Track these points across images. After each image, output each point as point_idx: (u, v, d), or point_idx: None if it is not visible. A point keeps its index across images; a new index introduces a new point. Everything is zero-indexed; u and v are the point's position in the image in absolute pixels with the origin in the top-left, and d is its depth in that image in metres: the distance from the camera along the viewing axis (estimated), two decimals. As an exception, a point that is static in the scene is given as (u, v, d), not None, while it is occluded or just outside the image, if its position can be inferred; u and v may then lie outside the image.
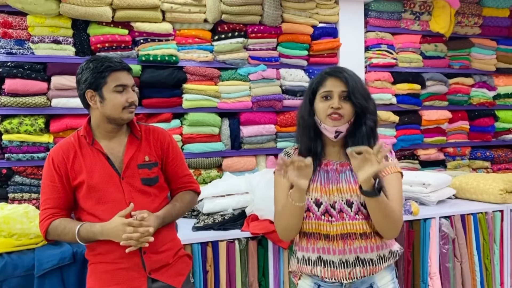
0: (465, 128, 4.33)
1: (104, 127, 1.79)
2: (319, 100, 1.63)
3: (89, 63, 1.73)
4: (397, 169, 1.61)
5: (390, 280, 1.62)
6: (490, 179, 2.89)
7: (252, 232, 2.30)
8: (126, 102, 1.75)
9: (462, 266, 2.67)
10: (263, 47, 3.68)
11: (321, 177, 1.63)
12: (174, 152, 1.93)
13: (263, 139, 3.65)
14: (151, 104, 3.38)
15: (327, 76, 1.64)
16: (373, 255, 1.57)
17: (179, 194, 1.94)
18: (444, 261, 2.63)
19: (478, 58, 4.33)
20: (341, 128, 1.58)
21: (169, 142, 1.92)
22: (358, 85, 1.59)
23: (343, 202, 1.57)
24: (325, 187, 1.60)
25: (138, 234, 1.62)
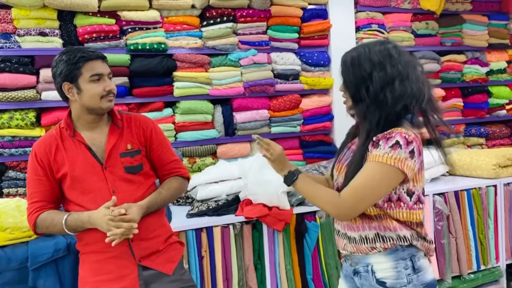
0: (458, 105, 4.32)
1: (84, 118, 1.78)
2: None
3: (62, 55, 1.71)
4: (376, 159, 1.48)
5: (390, 267, 1.54)
6: (483, 154, 2.89)
7: (246, 217, 2.30)
8: (103, 91, 1.73)
9: (457, 242, 2.68)
10: (253, 31, 3.64)
11: (342, 155, 1.70)
12: (158, 138, 1.91)
13: (256, 124, 3.63)
14: (141, 93, 3.36)
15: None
16: (355, 234, 1.58)
17: (166, 180, 1.92)
18: (439, 238, 2.64)
19: (470, 34, 4.30)
20: (350, 111, 1.63)
21: (151, 129, 1.89)
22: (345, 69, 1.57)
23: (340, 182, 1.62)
24: (337, 164, 1.68)
25: (122, 229, 1.61)
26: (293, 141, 3.80)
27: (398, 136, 1.46)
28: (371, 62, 1.50)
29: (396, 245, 1.54)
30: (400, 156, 1.45)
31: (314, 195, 1.56)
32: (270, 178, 2.35)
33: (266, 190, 2.34)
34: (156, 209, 1.85)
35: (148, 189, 1.86)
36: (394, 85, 1.48)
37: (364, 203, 1.50)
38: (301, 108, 3.74)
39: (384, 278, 1.54)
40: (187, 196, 2.61)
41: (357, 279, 1.62)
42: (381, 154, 1.46)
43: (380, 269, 1.55)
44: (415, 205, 1.54)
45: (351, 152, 1.64)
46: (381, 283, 1.54)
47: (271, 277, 2.42)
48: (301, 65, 3.74)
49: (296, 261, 2.45)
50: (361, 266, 1.59)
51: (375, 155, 1.48)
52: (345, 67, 1.59)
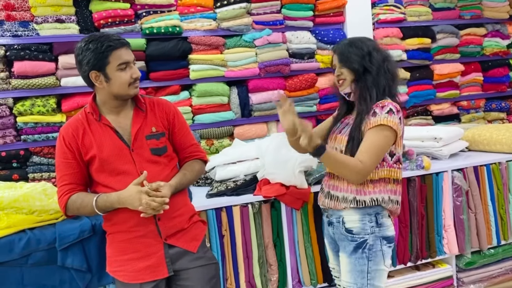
0: (478, 80, 4.25)
1: (110, 104, 1.83)
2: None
3: (88, 43, 1.74)
4: (377, 123, 1.78)
5: (357, 219, 1.86)
6: (503, 129, 2.86)
7: (264, 196, 2.35)
8: (131, 79, 1.78)
9: (476, 217, 2.68)
10: (267, 11, 3.63)
11: (336, 128, 2.01)
12: (180, 122, 1.97)
13: (273, 105, 3.64)
14: (158, 77, 3.40)
15: (332, 53, 1.99)
16: (339, 194, 1.91)
17: (188, 163, 1.99)
18: (458, 213, 2.64)
19: (490, 6, 4.20)
20: (346, 90, 1.92)
21: (174, 113, 1.96)
22: (346, 50, 1.88)
23: (334, 148, 1.92)
24: (331, 135, 2.01)
25: (155, 203, 1.68)
26: (310, 120, 3.81)
27: (390, 105, 1.80)
28: (367, 45, 1.87)
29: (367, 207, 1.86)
30: (395, 120, 1.78)
31: (340, 165, 1.76)
32: (287, 157, 2.39)
33: (283, 170, 2.37)
34: (181, 189, 1.92)
35: (172, 170, 1.93)
36: (390, 62, 1.89)
37: (377, 162, 1.79)
38: (317, 87, 3.73)
39: (351, 228, 1.88)
40: (206, 177, 2.66)
41: (331, 228, 1.99)
42: (381, 118, 1.77)
43: (348, 221, 1.89)
44: (394, 164, 1.87)
45: (344, 125, 1.95)
46: (349, 231, 1.88)
47: (291, 254, 2.47)
48: (317, 43, 3.72)
49: (314, 238, 2.49)
50: (334, 218, 1.94)
51: (376, 121, 1.78)
52: (345, 47, 1.90)
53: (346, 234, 1.89)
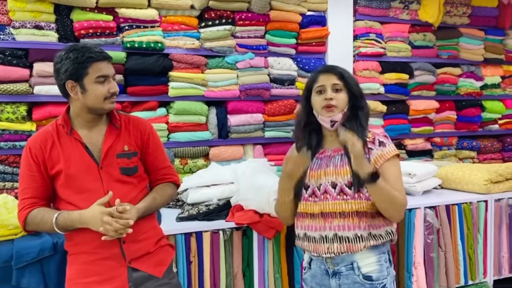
0: (452, 118, 4.33)
1: (84, 117, 1.75)
2: (314, 95, 1.76)
3: (69, 52, 1.67)
4: (394, 153, 1.69)
5: (375, 261, 1.65)
6: (475, 169, 2.89)
7: (236, 223, 2.27)
8: (108, 93, 1.71)
9: (446, 256, 2.67)
10: (251, 35, 3.61)
11: (314, 164, 1.77)
12: (155, 143, 1.90)
13: (250, 128, 3.61)
14: (136, 92, 3.32)
15: (319, 73, 1.78)
16: (350, 233, 1.64)
17: (159, 186, 1.91)
18: (428, 251, 2.62)
19: (466, 48, 4.31)
20: (335, 117, 1.71)
21: (149, 133, 1.89)
22: (350, 76, 1.76)
23: (328, 184, 1.69)
24: (314, 172, 1.75)
25: (118, 225, 1.59)
26: (286, 146, 3.76)
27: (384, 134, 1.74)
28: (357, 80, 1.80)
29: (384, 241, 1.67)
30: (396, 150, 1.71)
31: (391, 196, 1.58)
32: (263, 184, 2.33)
33: (258, 197, 2.31)
34: (148, 213, 1.84)
35: (141, 191, 1.84)
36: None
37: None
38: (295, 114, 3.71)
39: (370, 273, 1.64)
40: (177, 199, 2.57)
41: (335, 280, 1.68)
42: (394, 149, 1.69)
43: (365, 265, 1.65)
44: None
45: (328, 158, 1.73)
46: (368, 278, 1.64)
47: (259, 285, 2.38)
48: (298, 70, 3.72)
49: (285, 269, 2.42)
50: (343, 266, 1.66)
51: (390, 151, 1.67)
52: (349, 74, 1.77)
53: (364, 282, 1.63)
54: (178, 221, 2.31)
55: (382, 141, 1.69)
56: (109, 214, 1.59)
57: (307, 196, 1.73)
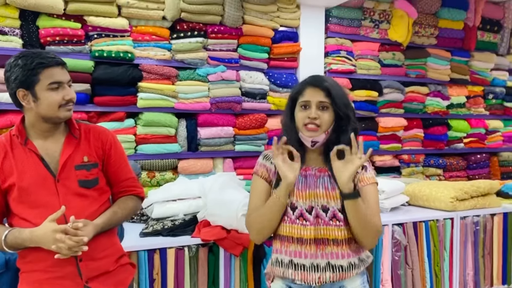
0: (419, 136, 4.37)
1: (39, 127, 1.63)
2: (298, 109, 1.62)
3: (18, 59, 1.56)
4: (374, 180, 1.62)
5: (359, 284, 1.61)
6: (441, 187, 2.89)
7: (203, 239, 2.17)
8: (62, 100, 1.60)
9: (413, 273, 2.65)
10: (223, 48, 3.56)
11: (298, 182, 1.61)
12: (117, 153, 1.80)
13: (221, 141, 3.53)
14: (103, 102, 3.20)
15: (306, 85, 1.62)
16: (344, 261, 1.55)
17: (121, 199, 1.81)
18: (396, 268, 2.59)
19: (434, 68, 4.38)
20: (317, 138, 1.58)
21: (111, 142, 1.78)
22: (339, 93, 1.59)
23: (319, 207, 1.57)
24: (302, 191, 1.59)
25: (71, 242, 1.47)
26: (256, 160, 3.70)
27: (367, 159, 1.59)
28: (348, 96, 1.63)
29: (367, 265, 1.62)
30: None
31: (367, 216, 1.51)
32: (231, 199, 2.25)
33: (225, 212, 2.23)
34: (109, 229, 1.73)
35: (102, 205, 1.73)
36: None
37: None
38: (266, 128, 3.67)
39: None
40: (142, 213, 2.45)
41: None
42: (373, 176, 1.61)
43: None
44: None
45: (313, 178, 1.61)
46: None
47: (225, 303, 2.29)
48: (269, 85, 3.69)
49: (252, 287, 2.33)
50: None
51: (372, 177, 1.60)
52: (336, 86, 1.62)
53: None
54: (142, 237, 2.20)
55: (365, 165, 1.61)
56: (62, 231, 1.47)
57: (294, 218, 1.57)
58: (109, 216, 1.70)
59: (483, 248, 2.87)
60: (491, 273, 2.90)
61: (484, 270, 2.88)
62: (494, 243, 2.89)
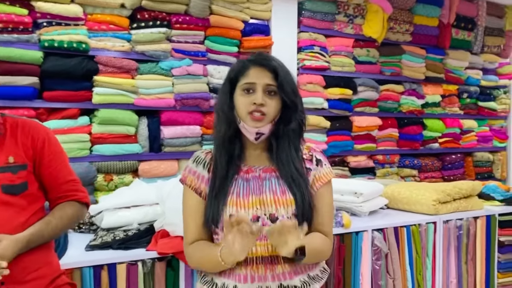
0: (394, 135, 4.17)
1: None
2: (239, 93, 1.33)
3: None
4: (331, 176, 1.41)
5: None
6: (422, 188, 2.66)
7: (159, 252, 1.85)
8: None
9: (394, 284, 2.39)
10: (189, 40, 3.24)
11: (239, 187, 1.32)
12: (52, 151, 1.49)
13: (187, 141, 3.22)
14: (53, 97, 2.84)
15: (250, 64, 1.34)
16: (296, 281, 1.29)
17: (58, 206, 1.51)
18: (376, 279, 2.34)
19: (409, 65, 4.19)
20: (263, 129, 1.31)
21: (44, 139, 1.47)
22: (288, 77, 1.33)
23: (266, 217, 1.28)
24: (244, 199, 1.30)
25: None
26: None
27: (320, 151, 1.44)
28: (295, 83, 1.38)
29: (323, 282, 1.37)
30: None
31: (318, 254, 1.32)
32: (193, 205, 1.94)
33: (187, 220, 1.91)
34: (41, 243, 1.42)
35: (33, 216, 1.42)
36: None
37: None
38: (236, 127, 3.39)
39: None
40: (91, 222, 2.11)
41: None
42: (330, 171, 1.40)
43: None
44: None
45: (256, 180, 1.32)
46: None
47: (187, 324, 1.97)
48: (239, 81, 3.40)
49: (217, 305, 2.02)
50: None
51: (327, 174, 1.38)
52: (284, 67, 1.33)
53: None
54: (88, 250, 1.86)
55: (320, 159, 1.38)
56: None
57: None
58: (39, 228, 1.40)
59: (466, 254, 2.66)
60: (474, 281, 2.69)
61: (467, 277, 2.67)
62: (477, 248, 2.68)
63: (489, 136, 4.71)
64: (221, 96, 1.38)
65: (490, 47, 4.63)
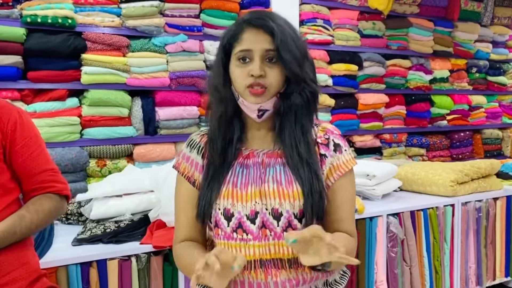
0: (401, 113, 3.94)
1: None
2: (234, 64, 1.07)
3: None
4: (353, 163, 1.14)
5: None
6: (439, 169, 2.45)
7: (155, 246, 1.64)
8: None
9: (411, 271, 2.19)
10: (183, 14, 2.98)
11: (236, 175, 1.10)
12: (26, 135, 1.27)
13: (183, 123, 2.99)
14: (39, 77, 2.60)
15: (245, 26, 1.06)
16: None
17: (34, 199, 1.28)
18: (392, 267, 2.14)
19: (416, 39, 3.93)
20: (265, 105, 1.07)
21: (16, 121, 1.25)
22: (289, 40, 1.04)
23: (267, 212, 1.05)
24: (241, 189, 1.07)
25: None
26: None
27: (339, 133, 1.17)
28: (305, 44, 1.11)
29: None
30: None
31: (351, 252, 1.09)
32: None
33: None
34: (15, 241, 1.21)
35: (5, 209, 1.22)
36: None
37: None
38: (236, 106, 3.15)
39: None
40: (79, 213, 1.90)
41: None
42: (350, 158, 1.14)
43: None
44: None
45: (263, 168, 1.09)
46: None
47: (188, 322, 1.77)
48: (238, 57, 3.15)
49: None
50: None
51: (348, 162, 1.12)
52: (285, 32, 1.04)
53: None
54: (76, 245, 1.64)
55: (338, 143, 1.12)
56: None
57: (229, 232, 1.06)
58: (10, 223, 1.20)
59: (486, 237, 2.46)
60: (493, 265, 2.50)
61: (486, 261, 2.47)
62: (497, 230, 2.49)
63: (498, 112, 4.49)
64: (215, 69, 1.13)
65: (500, 19, 4.37)
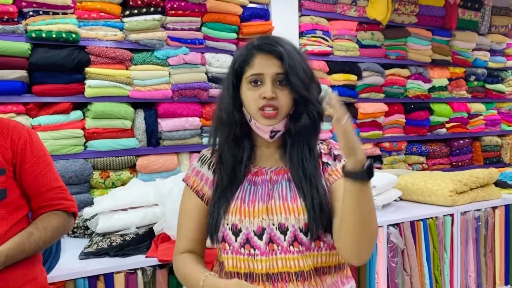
0: (401, 121, 3.98)
1: None
2: (246, 87, 1.13)
3: None
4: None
5: None
6: (438, 179, 2.48)
7: (160, 259, 1.67)
8: None
9: (412, 281, 2.23)
10: (185, 27, 3.03)
11: (245, 192, 1.15)
12: (34, 155, 1.31)
13: (186, 134, 3.02)
14: (44, 91, 2.64)
15: (255, 51, 1.12)
16: None
17: (42, 216, 1.33)
18: (393, 277, 2.17)
19: (414, 48, 3.98)
20: (278, 126, 1.12)
21: (25, 141, 1.30)
22: (297, 64, 1.10)
23: (274, 228, 1.09)
24: (249, 206, 1.12)
25: None
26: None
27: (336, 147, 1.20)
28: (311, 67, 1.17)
29: None
30: None
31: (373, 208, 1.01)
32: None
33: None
34: (22, 258, 1.25)
35: (14, 227, 1.26)
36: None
37: None
38: (237, 117, 3.19)
39: None
40: (86, 226, 1.93)
41: None
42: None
43: None
44: None
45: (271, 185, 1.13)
46: None
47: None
48: (239, 69, 3.19)
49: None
50: None
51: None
52: (292, 57, 1.10)
53: None
54: (83, 258, 1.68)
55: (338, 154, 1.18)
56: None
57: (237, 247, 1.10)
58: (19, 241, 1.23)
59: (485, 246, 2.49)
60: (493, 273, 2.53)
61: (486, 270, 2.51)
62: (496, 239, 2.52)
63: (497, 120, 4.53)
64: (225, 92, 1.17)
65: (498, 27, 4.42)
